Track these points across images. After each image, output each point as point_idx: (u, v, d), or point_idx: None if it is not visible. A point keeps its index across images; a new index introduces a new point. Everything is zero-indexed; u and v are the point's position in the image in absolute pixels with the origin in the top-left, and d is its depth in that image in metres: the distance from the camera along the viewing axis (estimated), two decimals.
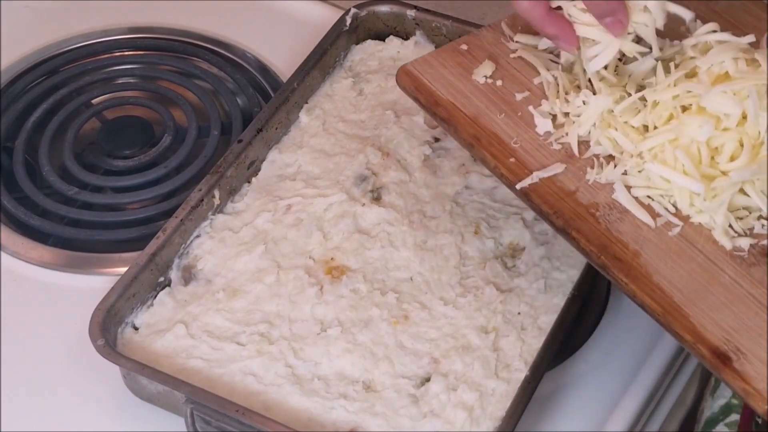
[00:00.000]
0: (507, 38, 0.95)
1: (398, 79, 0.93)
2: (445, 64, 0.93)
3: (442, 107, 0.90)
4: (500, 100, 0.91)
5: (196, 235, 0.99)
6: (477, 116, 0.89)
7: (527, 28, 0.94)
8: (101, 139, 1.14)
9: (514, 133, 0.88)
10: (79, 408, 0.93)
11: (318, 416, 0.88)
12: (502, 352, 0.91)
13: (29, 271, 1.03)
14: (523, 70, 0.93)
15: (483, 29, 0.96)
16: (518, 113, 0.89)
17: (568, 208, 0.84)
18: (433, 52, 0.95)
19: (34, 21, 1.26)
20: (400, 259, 0.97)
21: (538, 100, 0.90)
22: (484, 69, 0.92)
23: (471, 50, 0.94)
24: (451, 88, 0.91)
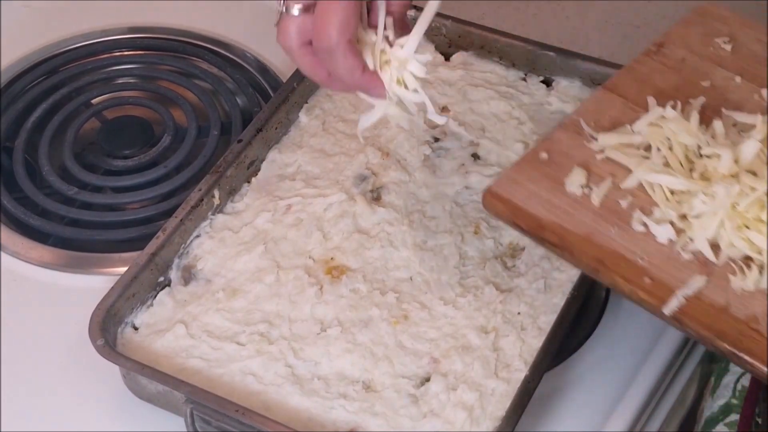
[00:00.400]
0: (587, 138, 0.89)
1: (488, 205, 0.86)
2: (531, 179, 0.86)
3: (549, 231, 0.83)
4: (606, 211, 0.84)
5: (195, 235, 0.99)
6: (590, 235, 0.83)
7: (608, 123, 0.90)
8: (101, 139, 1.14)
9: (636, 247, 0.82)
10: (78, 408, 0.93)
11: (318, 416, 0.88)
12: (501, 352, 0.91)
13: (29, 271, 1.03)
14: (617, 172, 0.86)
15: (557, 130, 0.90)
16: (630, 223, 0.83)
17: (729, 327, 0.77)
18: (514, 166, 0.88)
19: (34, 21, 1.27)
20: (400, 259, 0.97)
21: (646, 204, 0.84)
22: (576, 178, 0.86)
23: (553, 157, 0.88)
24: (550, 205, 0.84)
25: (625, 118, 0.91)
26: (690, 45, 0.97)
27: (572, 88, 1.09)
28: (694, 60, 0.96)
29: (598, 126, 0.90)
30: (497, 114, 1.08)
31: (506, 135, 1.06)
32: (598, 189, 0.85)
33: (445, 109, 1.09)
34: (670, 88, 0.93)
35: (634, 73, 0.95)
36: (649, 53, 0.97)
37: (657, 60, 0.96)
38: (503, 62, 1.13)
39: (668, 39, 0.98)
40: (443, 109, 1.09)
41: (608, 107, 0.92)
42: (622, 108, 0.92)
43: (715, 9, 1.01)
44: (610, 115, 0.92)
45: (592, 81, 1.09)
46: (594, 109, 0.92)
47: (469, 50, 1.14)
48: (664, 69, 0.95)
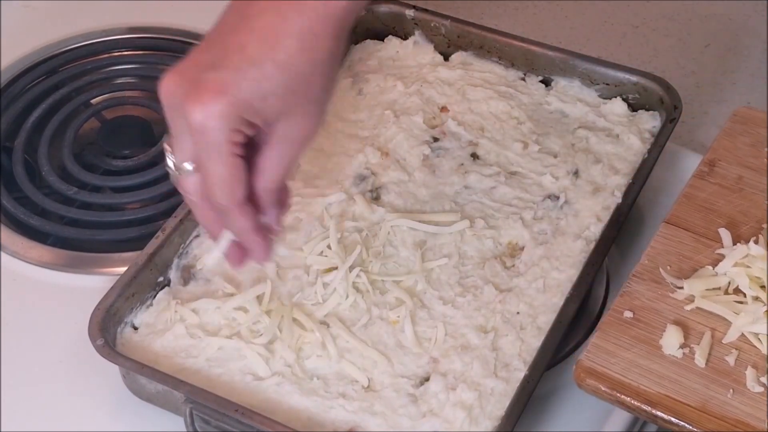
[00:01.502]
0: (668, 286, 0.84)
1: (582, 383, 0.80)
2: (622, 345, 0.81)
3: (660, 405, 0.77)
4: (714, 373, 0.79)
5: (195, 234, 0.99)
6: (705, 404, 0.77)
7: (687, 266, 0.85)
8: (101, 139, 1.14)
9: (759, 412, 0.76)
10: (78, 408, 0.93)
11: (317, 415, 0.88)
12: (501, 352, 0.91)
13: (29, 271, 1.03)
14: (712, 323, 0.81)
15: (631, 281, 0.85)
16: (745, 383, 0.78)
17: None
18: (599, 334, 0.82)
19: (34, 21, 1.27)
20: (400, 259, 0.97)
21: (756, 357, 0.79)
22: (673, 338, 0.80)
23: (638, 315, 0.82)
24: (652, 374, 0.79)
25: (701, 256, 0.86)
26: (742, 159, 0.93)
27: (571, 87, 1.10)
28: (751, 176, 0.92)
29: (675, 270, 0.85)
30: (496, 114, 1.08)
31: (505, 135, 1.06)
32: (701, 348, 0.80)
33: (444, 109, 1.09)
34: (737, 212, 0.89)
35: (693, 200, 0.91)
36: (702, 175, 0.93)
37: (713, 182, 0.92)
38: (502, 62, 1.13)
39: (717, 155, 0.94)
40: (442, 109, 1.09)
41: (679, 245, 0.88)
42: (695, 244, 0.87)
43: (754, 113, 0.98)
44: (683, 256, 0.86)
45: (591, 81, 1.09)
46: (664, 249, 0.87)
47: (468, 50, 1.14)
48: (724, 191, 0.91)
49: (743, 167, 0.93)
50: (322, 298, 0.94)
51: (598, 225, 0.98)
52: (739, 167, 0.93)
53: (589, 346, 0.82)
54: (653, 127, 1.06)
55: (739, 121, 0.97)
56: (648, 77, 1.07)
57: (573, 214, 0.99)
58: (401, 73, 1.13)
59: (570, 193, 1.01)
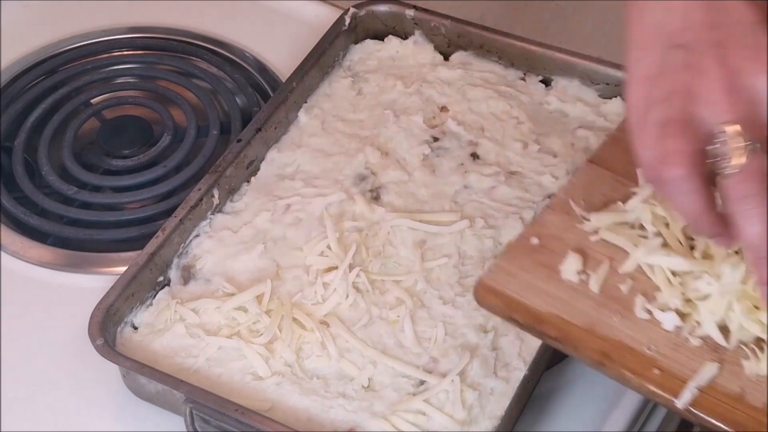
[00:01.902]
0: (578, 218, 0.85)
1: (480, 298, 0.82)
2: (524, 268, 0.82)
3: (548, 324, 0.79)
4: (606, 298, 0.80)
5: (195, 234, 0.99)
6: (592, 325, 0.79)
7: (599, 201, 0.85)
8: (100, 139, 1.14)
9: (642, 336, 0.78)
10: (78, 407, 0.93)
11: (317, 415, 0.88)
12: (501, 351, 0.91)
13: (28, 271, 1.03)
14: (613, 254, 0.82)
15: (545, 212, 0.86)
16: (633, 310, 0.79)
17: (747, 419, 0.73)
18: (504, 255, 0.84)
19: (34, 20, 1.27)
20: (399, 258, 0.97)
21: (648, 288, 0.80)
22: (571, 264, 0.82)
23: (544, 243, 0.84)
24: (546, 296, 0.81)
25: (616, 194, 0.87)
26: None
27: (571, 87, 1.10)
28: None
29: (589, 205, 0.86)
30: (496, 113, 1.08)
31: (505, 134, 1.06)
32: (596, 275, 0.82)
33: (444, 109, 1.09)
34: None
35: (619, 143, 0.89)
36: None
37: None
38: (502, 62, 1.13)
39: None
40: (442, 109, 1.09)
41: (597, 183, 0.88)
42: (612, 183, 0.88)
43: None
44: (600, 192, 0.87)
45: (591, 80, 1.09)
46: (582, 185, 0.88)
47: (468, 50, 1.14)
48: None
49: None
50: (322, 298, 0.94)
51: None
52: None
53: (492, 266, 0.84)
54: None
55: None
56: None
57: None
58: (401, 72, 1.13)
59: None
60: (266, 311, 0.93)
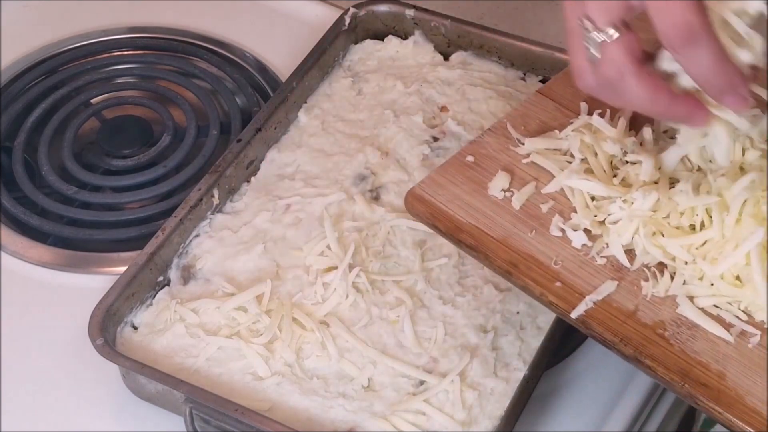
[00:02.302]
0: (514, 142, 0.90)
1: (409, 205, 0.86)
2: (455, 182, 0.87)
3: (465, 233, 0.83)
4: (526, 215, 0.85)
5: (195, 234, 0.99)
6: (506, 238, 0.83)
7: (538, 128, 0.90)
8: (100, 139, 1.14)
9: (551, 252, 0.82)
10: (78, 407, 0.93)
11: (317, 415, 0.88)
12: (500, 351, 0.91)
13: (28, 271, 1.03)
14: (540, 176, 0.87)
15: (485, 134, 0.90)
16: (549, 227, 0.84)
17: (634, 333, 0.77)
18: (439, 168, 0.88)
19: (34, 20, 1.27)
20: (399, 258, 0.97)
21: (567, 209, 0.84)
22: (499, 182, 0.86)
23: (478, 161, 0.88)
24: (470, 208, 0.85)
25: (555, 123, 0.91)
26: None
27: None
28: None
29: (528, 130, 0.90)
30: (496, 113, 1.08)
31: None
32: (520, 193, 0.86)
33: (444, 109, 1.09)
34: None
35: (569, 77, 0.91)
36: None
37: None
38: (502, 62, 1.13)
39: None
40: (442, 109, 1.09)
41: (540, 112, 0.92)
42: (555, 113, 0.92)
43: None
44: (540, 120, 0.91)
45: None
46: (525, 113, 0.92)
47: (468, 50, 1.14)
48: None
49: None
50: (321, 298, 0.94)
51: None
52: None
53: (426, 178, 0.88)
54: None
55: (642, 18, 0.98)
56: None
57: None
58: (401, 72, 1.13)
59: None
60: (266, 311, 0.93)
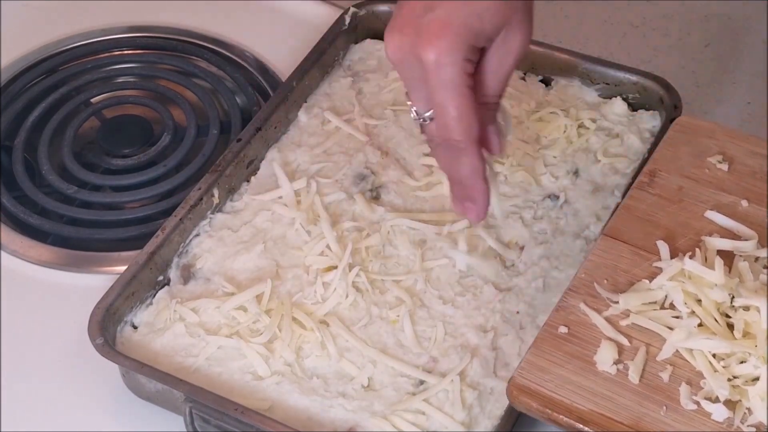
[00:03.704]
0: (604, 300, 0.83)
1: (514, 399, 0.79)
2: (556, 362, 0.80)
3: (592, 423, 0.76)
4: (648, 389, 0.78)
5: (195, 233, 0.99)
6: (638, 421, 0.76)
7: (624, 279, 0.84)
8: (100, 138, 1.14)
9: (690, 428, 0.76)
10: (78, 407, 0.93)
11: (317, 415, 0.88)
12: (500, 351, 0.91)
13: (28, 270, 1.03)
14: (648, 338, 0.80)
15: (567, 296, 0.84)
16: (678, 400, 0.77)
17: None
18: (533, 349, 0.81)
19: (34, 20, 1.27)
20: (399, 258, 0.97)
21: (690, 373, 0.78)
22: (607, 354, 0.80)
23: (573, 331, 0.81)
24: (585, 391, 0.78)
25: (638, 269, 0.85)
26: (683, 169, 0.92)
27: (571, 87, 1.09)
28: (691, 186, 0.91)
29: (612, 284, 0.84)
30: None
31: None
32: (635, 364, 0.79)
33: None
34: (676, 224, 0.88)
35: (632, 212, 0.90)
36: (642, 186, 0.92)
37: (653, 193, 0.91)
38: None
39: (658, 165, 0.93)
40: None
41: (617, 258, 0.87)
42: (632, 257, 0.86)
43: (698, 123, 0.97)
44: (621, 269, 0.86)
45: (591, 80, 1.09)
46: (601, 263, 0.86)
47: None
48: (664, 203, 0.90)
49: (684, 177, 0.92)
50: (321, 298, 0.94)
51: (597, 224, 0.98)
52: (679, 177, 0.92)
53: (523, 362, 0.81)
54: (653, 127, 1.05)
55: (682, 130, 0.96)
56: (648, 77, 1.07)
57: (573, 214, 0.99)
58: None
59: (570, 192, 1.01)
60: (266, 311, 0.93)
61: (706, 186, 0.91)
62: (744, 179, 0.91)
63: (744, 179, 0.91)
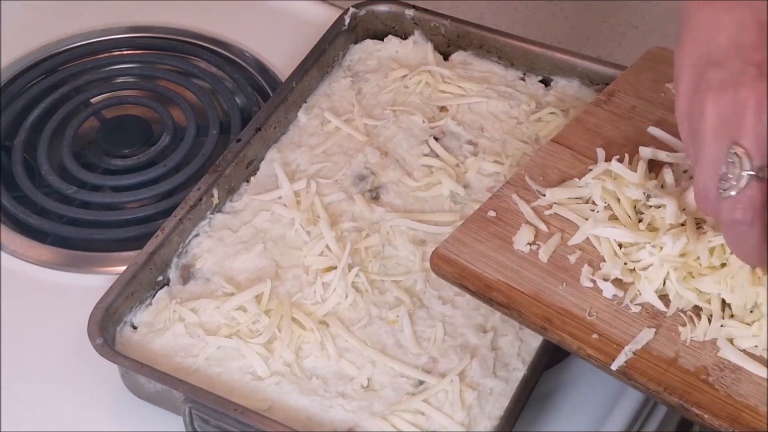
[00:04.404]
0: (535, 193, 0.90)
1: (435, 266, 0.86)
2: (479, 239, 0.86)
3: (496, 291, 0.83)
4: (554, 268, 0.84)
5: (194, 234, 0.99)
6: (538, 293, 0.83)
7: (557, 177, 0.90)
8: (100, 138, 1.14)
9: (584, 303, 0.82)
10: (77, 407, 0.93)
11: (316, 415, 0.88)
12: (500, 351, 0.91)
13: (28, 270, 1.03)
14: (565, 227, 0.87)
15: (503, 188, 0.90)
16: (579, 279, 0.83)
17: (677, 381, 0.77)
18: (461, 227, 0.88)
19: (34, 20, 1.27)
20: (399, 258, 0.97)
21: (595, 259, 0.84)
22: (524, 235, 0.86)
23: (500, 216, 0.88)
24: (497, 265, 0.85)
25: (574, 171, 0.91)
26: (640, 92, 0.97)
27: (570, 87, 1.10)
28: (644, 107, 0.96)
29: (547, 181, 0.90)
30: (496, 113, 1.08)
31: (505, 134, 1.06)
32: (546, 246, 0.86)
33: (443, 109, 1.09)
34: (620, 137, 0.93)
35: (584, 123, 0.95)
36: (599, 102, 0.97)
37: (607, 109, 0.96)
38: (502, 62, 1.13)
39: (618, 87, 0.98)
40: (442, 109, 1.09)
41: (557, 160, 0.92)
42: (572, 161, 0.92)
43: (666, 53, 1.00)
44: (558, 169, 0.91)
45: (591, 81, 1.09)
46: (542, 162, 0.92)
47: (467, 50, 1.14)
48: (615, 118, 0.95)
49: (639, 99, 0.97)
50: (321, 298, 0.94)
51: None
52: (635, 98, 0.97)
53: (449, 237, 0.87)
54: None
55: (650, 59, 1.01)
56: None
57: None
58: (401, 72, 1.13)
59: None
60: (265, 311, 0.93)
61: (658, 107, 0.96)
62: None
63: None
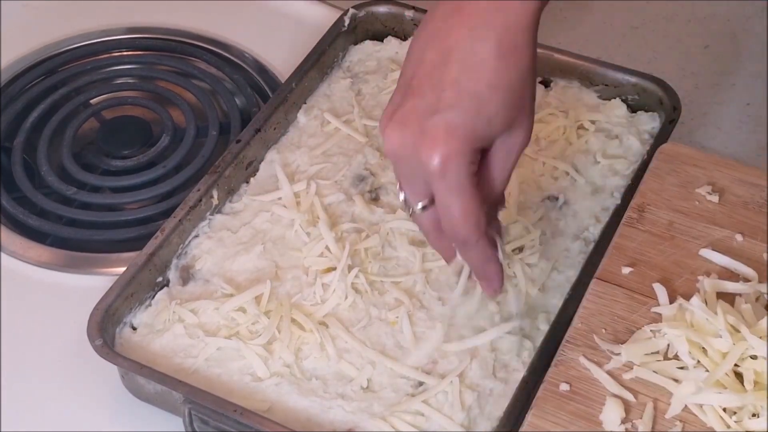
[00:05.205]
0: (603, 351, 0.80)
1: None
2: (561, 423, 0.76)
3: None
4: None
5: (194, 235, 0.99)
6: None
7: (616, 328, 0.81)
8: (100, 139, 1.14)
9: None
10: (77, 408, 0.93)
11: (316, 416, 0.88)
12: (499, 353, 0.91)
13: (27, 271, 1.03)
14: (655, 393, 0.77)
15: (565, 348, 0.81)
16: None
17: None
18: (535, 411, 0.78)
19: (33, 20, 1.27)
20: (399, 259, 0.97)
21: (698, 427, 0.75)
22: (614, 413, 0.76)
23: (575, 388, 0.78)
24: None
25: (636, 315, 0.83)
26: (671, 203, 0.90)
27: (570, 88, 1.10)
28: (682, 221, 0.89)
29: (612, 334, 0.81)
30: None
31: None
32: (644, 422, 0.76)
33: None
34: (669, 263, 0.86)
35: (623, 251, 0.87)
36: (631, 222, 0.89)
37: (643, 229, 0.88)
38: None
39: (646, 199, 0.91)
40: None
41: (611, 304, 0.84)
42: (628, 302, 0.84)
43: (682, 150, 0.94)
44: (617, 315, 0.83)
45: (590, 82, 1.09)
46: (596, 309, 0.83)
47: None
48: (655, 240, 0.88)
49: (673, 212, 0.90)
50: (321, 299, 0.94)
51: (597, 226, 0.98)
52: (669, 212, 0.90)
53: (526, 424, 0.77)
54: (652, 128, 1.06)
55: (666, 159, 0.94)
56: (647, 78, 1.07)
57: (572, 215, 0.99)
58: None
59: (569, 193, 1.01)
60: (265, 312, 0.93)
61: (698, 220, 0.88)
62: (736, 211, 0.88)
63: (736, 211, 0.88)
